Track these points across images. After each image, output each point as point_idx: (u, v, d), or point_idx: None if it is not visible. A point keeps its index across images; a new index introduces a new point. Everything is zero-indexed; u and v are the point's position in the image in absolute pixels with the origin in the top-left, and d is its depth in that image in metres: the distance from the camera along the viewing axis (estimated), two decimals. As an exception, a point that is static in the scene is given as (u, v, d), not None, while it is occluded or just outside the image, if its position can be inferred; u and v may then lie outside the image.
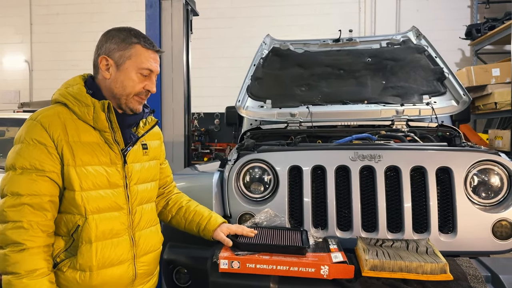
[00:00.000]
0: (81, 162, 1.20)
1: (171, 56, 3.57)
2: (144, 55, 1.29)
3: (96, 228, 1.21)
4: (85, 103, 1.23)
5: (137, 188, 1.35)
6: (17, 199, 1.13)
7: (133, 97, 1.30)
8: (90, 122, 1.23)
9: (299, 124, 2.87)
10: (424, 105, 2.80)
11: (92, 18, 9.97)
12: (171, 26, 3.57)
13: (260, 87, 3.17)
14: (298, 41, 3.66)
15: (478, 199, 1.73)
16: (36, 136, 1.17)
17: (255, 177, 1.93)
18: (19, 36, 10.28)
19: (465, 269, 1.45)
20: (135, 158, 1.36)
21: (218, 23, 9.50)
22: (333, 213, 1.77)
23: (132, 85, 1.28)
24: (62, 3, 10.18)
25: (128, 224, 1.30)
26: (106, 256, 1.23)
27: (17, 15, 10.36)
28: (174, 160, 3.57)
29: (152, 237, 1.41)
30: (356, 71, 3.23)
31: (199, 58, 9.52)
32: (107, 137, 1.26)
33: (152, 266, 1.40)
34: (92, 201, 1.21)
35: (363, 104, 2.94)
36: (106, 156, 1.26)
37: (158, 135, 1.55)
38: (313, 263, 1.42)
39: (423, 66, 3.10)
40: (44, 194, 1.15)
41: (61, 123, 1.20)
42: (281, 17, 9.27)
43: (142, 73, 1.30)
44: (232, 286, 1.46)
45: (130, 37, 1.29)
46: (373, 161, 1.78)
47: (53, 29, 10.30)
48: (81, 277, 1.20)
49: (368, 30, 8.85)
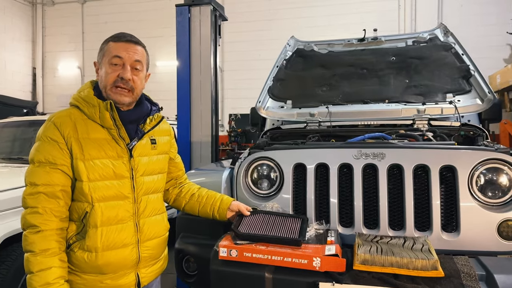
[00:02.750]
0: (89, 156, 1.36)
1: (199, 60, 3.74)
2: (113, 47, 1.40)
3: (101, 215, 1.36)
4: (92, 104, 1.38)
5: (143, 179, 1.49)
6: (34, 188, 1.30)
7: (111, 89, 1.40)
8: (98, 120, 1.39)
9: (318, 124, 2.92)
10: (447, 103, 2.74)
11: (138, 25, 10.52)
12: (199, 32, 3.75)
13: (281, 88, 3.26)
14: (323, 42, 3.70)
15: (485, 198, 1.71)
16: (49, 134, 1.34)
17: (262, 174, 2.02)
18: (72, 44, 11.08)
19: (460, 267, 1.45)
20: (142, 152, 1.50)
21: (256, 26, 9.68)
22: (335, 209, 1.82)
23: (106, 77, 1.40)
24: (110, 12, 10.85)
25: (133, 212, 1.44)
26: (111, 240, 1.37)
27: (70, 25, 11.19)
28: (202, 159, 3.74)
29: (156, 225, 1.53)
30: (379, 70, 3.22)
31: (236, 61, 9.79)
32: (113, 134, 1.41)
33: (156, 251, 1.53)
34: (98, 190, 1.36)
35: (384, 103, 2.93)
36: (113, 151, 1.41)
37: (167, 131, 1.68)
38: (306, 255, 1.49)
39: (449, 64, 3.02)
40: (57, 184, 1.31)
41: (72, 122, 1.36)
42: (319, 18, 9.27)
43: (112, 62, 1.40)
44: (230, 274, 1.56)
45: (108, 39, 1.44)
46: (376, 159, 1.81)
47: (102, 37, 10.80)
48: (88, 257, 1.35)
49: (408, 27, 8.61)
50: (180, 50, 3.77)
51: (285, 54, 3.56)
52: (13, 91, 10.09)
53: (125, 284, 1.42)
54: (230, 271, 1.56)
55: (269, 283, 1.51)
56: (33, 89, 11.38)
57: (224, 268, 1.57)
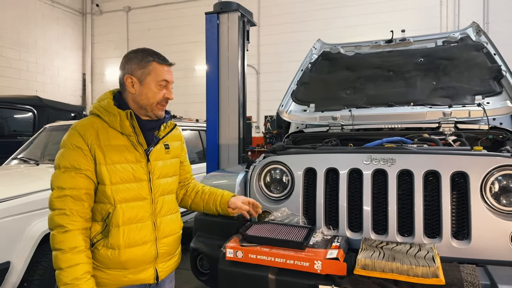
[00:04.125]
0: (111, 161, 1.48)
1: (227, 65, 3.85)
2: (160, 70, 1.54)
3: (123, 215, 1.49)
4: (112, 113, 1.51)
5: (159, 181, 1.61)
6: (61, 192, 1.41)
7: (156, 105, 1.56)
8: (118, 128, 1.52)
9: (341, 127, 2.92)
10: (474, 106, 2.65)
11: (178, 31, 10.91)
12: (227, 38, 3.86)
13: (305, 92, 3.29)
14: (349, 44, 3.68)
15: (499, 205, 1.65)
16: (74, 142, 1.47)
17: (275, 178, 2.08)
18: (118, 51, 11.70)
19: (464, 276, 1.43)
20: (157, 156, 1.62)
21: (290, 28, 9.70)
22: (344, 214, 1.84)
23: (153, 95, 1.54)
24: (153, 19, 11.33)
25: (151, 212, 1.57)
26: (132, 238, 1.50)
27: (116, 32, 11.82)
28: (229, 161, 3.85)
29: (172, 223, 1.66)
30: (406, 72, 3.16)
31: (271, 63, 9.87)
32: (132, 140, 1.54)
33: (172, 247, 1.65)
34: (120, 193, 1.49)
35: (409, 106, 2.87)
36: (132, 156, 1.53)
37: (178, 137, 1.80)
38: (308, 258, 1.53)
39: (480, 64, 2.91)
40: (81, 188, 1.44)
41: (94, 130, 1.49)
42: (354, 17, 9.12)
43: (161, 84, 1.55)
44: (236, 274, 1.63)
45: (147, 56, 1.54)
46: (386, 164, 1.81)
47: (145, 43, 11.49)
48: (112, 254, 1.48)
49: (451, 24, 8.25)
50: (209, 55, 3.90)
51: (311, 58, 3.59)
52: (65, 96, 10.86)
53: (145, 278, 1.55)
54: (236, 271, 1.64)
55: (272, 284, 1.57)
56: (83, 93, 12.16)
57: (231, 268, 1.65)
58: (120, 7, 11.75)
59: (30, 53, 10.31)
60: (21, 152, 4.28)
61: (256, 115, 10.21)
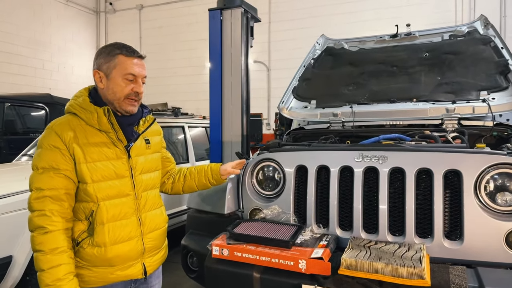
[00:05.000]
0: (91, 159, 1.47)
1: (230, 61, 3.83)
2: (126, 62, 1.48)
3: (107, 212, 1.48)
4: (89, 111, 1.49)
5: (142, 177, 1.60)
6: (40, 193, 1.38)
7: (124, 100, 1.51)
8: (96, 125, 1.50)
9: (341, 124, 2.88)
10: (479, 102, 2.56)
11: (189, 28, 10.95)
12: (230, 34, 3.84)
13: (306, 88, 3.24)
14: (354, 39, 3.61)
15: (493, 205, 1.59)
16: (51, 142, 1.45)
17: (268, 176, 2.06)
18: (131, 49, 11.77)
19: (452, 278, 1.38)
20: (139, 152, 1.61)
21: (301, 24, 9.61)
22: (334, 212, 1.80)
23: (120, 90, 1.49)
24: (164, 17, 11.40)
25: (135, 208, 1.56)
26: (117, 234, 1.50)
27: (129, 30, 11.95)
28: (232, 158, 3.84)
29: (157, 217, 1.65)
30: (410, 67, 3.08)
31: (282, 60, 9.80)
32: (111, 137, 1.52)
33: (158, 241, 1.65)
34: (102, 190, 1.48)
35: (411, 102, 2.80)
36: (113, 153, 1.52)
37: (158, 131, 1.79)
38: (292, 257, 1.51)
39: (486, 58, 2.81)
40: (61, 188, 1.43)
41: (72, 129, 1.48)
42: (366, 12, 8.97)
43: (127, 78, 1.49)
44: (222, 272, 1.63)
45: (114, 50, 1.51)
46: (377, 162, 1.77)
47: (157, 41, 11.62)
48: (98, 252, 1.48)
49: (466, 17, 8.04)
50: (212, 52, 3.88)
51: (314, 53, 3.54)
52: (79, 94, 11.00)
53: (133, 273, 1.54)
54: (222, 269, 1.63)
55: (256, 282, 1.56)
56: (97, 91, 12.31)
57: (217, 266, 1.64)
58: (133, 5, 11.85)
59: (45, 51, 10.51)
60: (31, 148, 4.36)
61: (267, 112, 10.17)
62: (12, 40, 9.56)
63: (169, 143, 5.07)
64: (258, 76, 10.20)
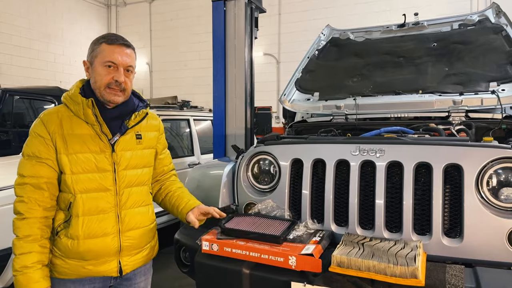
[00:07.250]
0: (72, 150, 1.46)
1: (234, 53, 3.77)
2: (107, 50, 1.45)
3: (83, 205, 1.46)
4: (76, 102, 1.48)
5: (125, 172, 1.55)
6: (22, 179, 1.42)
7: (105, 90, 1.46)
8: (82, 117, 1.48)
9: (345, 116, 2.80)
10: (488, 93, 2.44)
11: (198, 21, 10.90)
12: (234, 25, 3.77)
13: (310, 80, 3.17)
14: (360, 29, 3.51)
15: (496, 201, 1.51)
16: (37, 130, 1.46)
17: (264, 169, 2.01)
18: (142, 42, 11.85)
19: (448, 277, 1.31)
20: (126, 146, 1.56)
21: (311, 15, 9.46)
22: (329, 207, 1.75)
23: (100, 78, 1.47)
24: (175, 9, 11.38)
25: (114, 203, 1.52)
26: (91, 229, 1.47)
27: (139, 23, 11.97)
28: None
29: (139, 216, 1.59)
30: (417, 58, 2.97)
31: (292, 52, 9.67)
32: (96, 129, 1.50)
33: (138, 241, 1.58)
34: (80, 183, 1.46)
35: (417, 94, 2.70)
36: (96, 146, 1.50)
37: (156, 127, 1.73)
38: (282, 253, 1.46)
39: (497, 48, 2.69)
40: (41, 176, 1.43)
41: (58, 119, 1.47)
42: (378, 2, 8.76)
43: (107, 65, 1.45)
44: (211, 267, 1.59)
45: (100, 39, 1.49)
46: (374, 155, 1.70)
47: (167, 34, 11.62)
48: (71, 244, 1.46)
49: (482, 6, 7.74)
50: (215, 44, 3.83)
51: (318, 44, 3.45)
52: (90, 87, 11.11)
53: (106, 270, 1.50)
54: (211, 264, 1.59)
55: (246, 279, 1.52)
56: (109, 84, 12.42)
57: (206, 261, 1.61)
58: (143, -2, 11.88)
59: (57, 45, 10.62)
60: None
61: (276, 105, 10.07)
62: (24, 34, 9.68)
63: (174, 136, 5.06)
64: (267, 69, 10.12)
